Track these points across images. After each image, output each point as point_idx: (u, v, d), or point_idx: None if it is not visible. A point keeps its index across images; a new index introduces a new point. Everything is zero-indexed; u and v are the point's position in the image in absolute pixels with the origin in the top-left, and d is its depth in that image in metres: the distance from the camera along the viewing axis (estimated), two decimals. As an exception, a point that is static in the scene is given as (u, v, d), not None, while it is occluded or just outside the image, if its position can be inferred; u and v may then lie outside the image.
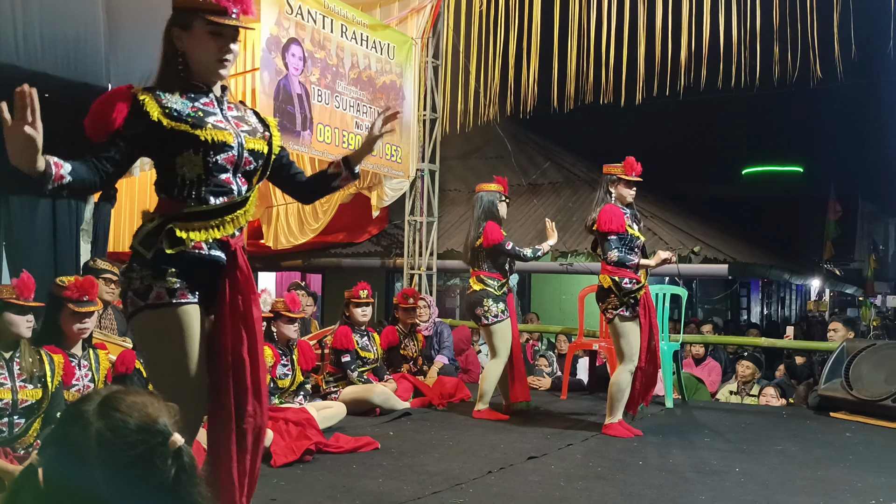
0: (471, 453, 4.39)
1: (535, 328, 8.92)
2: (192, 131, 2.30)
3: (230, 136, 2.36)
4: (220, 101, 2.43)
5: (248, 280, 2.37)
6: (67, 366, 3.67)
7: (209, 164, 2.33)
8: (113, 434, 1.28)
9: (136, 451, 1.29)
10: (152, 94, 2.33)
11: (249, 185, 2.45)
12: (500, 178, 5.78)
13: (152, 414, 1.33)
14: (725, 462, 4.26)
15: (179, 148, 2.31)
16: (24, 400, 3.42)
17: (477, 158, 13.00)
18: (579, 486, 3.71)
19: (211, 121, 2.36)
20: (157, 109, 2.29)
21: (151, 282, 2.28)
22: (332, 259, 11.40)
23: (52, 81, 4.54)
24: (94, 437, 1.28)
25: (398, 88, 8.26)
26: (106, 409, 1.31)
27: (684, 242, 10.25)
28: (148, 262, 2.30)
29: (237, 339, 2.32)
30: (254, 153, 2.43)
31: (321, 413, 4.80)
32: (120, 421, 1.29)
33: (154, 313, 2.28)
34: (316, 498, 3.39)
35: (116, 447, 1.28)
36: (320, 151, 7.33)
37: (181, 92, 2.37)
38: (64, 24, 4.51)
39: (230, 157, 2.36)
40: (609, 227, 4.81)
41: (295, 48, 6.93)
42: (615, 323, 4.86)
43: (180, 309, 2.29)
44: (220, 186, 2.36)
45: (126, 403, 1.32)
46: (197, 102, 2.37)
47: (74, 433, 1.29)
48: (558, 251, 10.30)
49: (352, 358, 5.72)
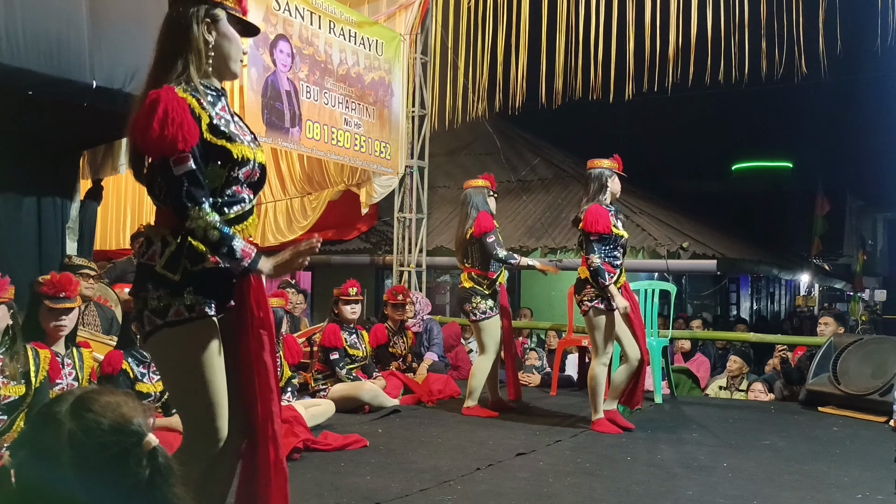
0: (459, 450, 4.38)
1: (525, 324, 8.93)
2: (227, 145, 2.24)
3: (251, 151, 2.32)
4: (227, 106, 2.37)
5: (260, 283, 2.33)
6: (53, 361, 3.65)
7: (230, 178, 2.28)
8: (85, 435, 1.27)
9: (109, 452, 1.27)
10: (196, 98, 2.22)
11: (254, 194, 2.43)
12: (486, 174, 5.81)
13: (126, 414, 1.31)
14: (713, 457, 4.27)
15: (208, 160, 2.23)
16: (6, 396, 3.40)
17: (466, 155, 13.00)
18: (567, 483, 3.71)
19: (234, 131, 2.29)
20: (206, 118, 2.22)
21: (169, 300, 2.21)
22: (322, 256, 11.37)
23: (35, 78, 4.50)
24: (67, 439, 1.26)
25: (387, 85, 8.24)
26: (79, 409, 1.29)
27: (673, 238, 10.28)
28: (165, 282, 2.22)
29: (259, 343, 2.29)
30: (261, 166, 2.41)
31: (309, 411, 4.78)
32: (93, 422, 1.28)
33: (173, 331, 2.22)
34: (304, 496, 3.37)
35: (89, 448, 1.26)
36: (309, 148, 7.31)
37: (203, 93, 2.27)
38: (47, 20, 4.46)
39: (247, 172, 2.33)
40: (595, 228, 4.79)
41: (283, 44, 6.89)
42: (590, 315, 4.87)
43: (200, 324, 2.24)
44: (231, 197, 2.31)
45: (99, 404, 1.30)
46: (216, 108, 2.29)
47: (46, 434, 1.28)
48: (548, 248, 10.31)
49: (340, 356, 5.72)
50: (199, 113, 2.21)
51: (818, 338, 6.57)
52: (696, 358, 8.13)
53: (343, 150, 7.64)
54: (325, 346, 5.72)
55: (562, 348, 6.82)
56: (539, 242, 10.47)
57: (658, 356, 6.17)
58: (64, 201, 6.17)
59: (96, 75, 4.70)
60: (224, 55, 2.34)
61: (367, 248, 11.26)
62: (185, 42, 2.29)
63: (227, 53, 2.35)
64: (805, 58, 7.45)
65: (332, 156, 7.65)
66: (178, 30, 2.31)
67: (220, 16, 2.33)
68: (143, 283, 2.26)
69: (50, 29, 4.47)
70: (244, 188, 2.36)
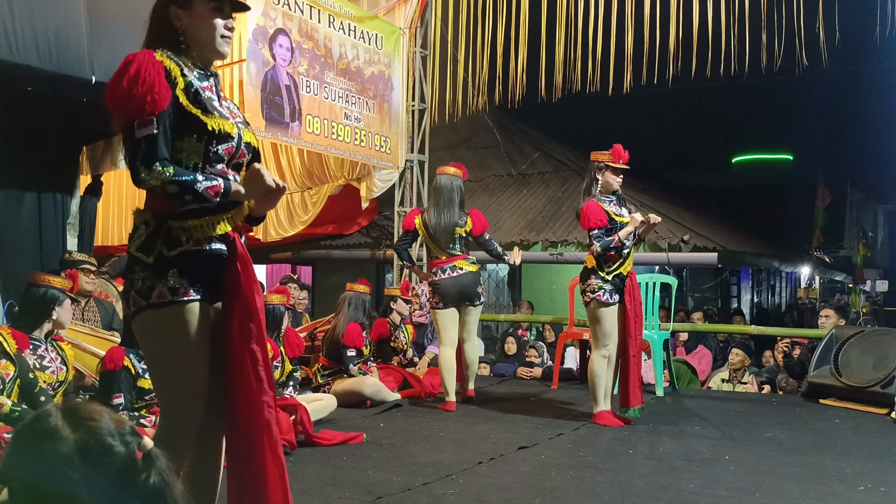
0: (461, 444, 4.38)
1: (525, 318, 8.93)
2: (202, 117, 2.21)
3: (233, 127, 2.30)
4: (217, 87, 2.35)
5: (249, 270, 2.31)
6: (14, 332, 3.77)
7: (209, 154, 2.25)
8: (96, 442, 1.25)
9: (118, 458, 1.26)
10: (173, 60, 2.21)
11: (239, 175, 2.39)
12: (458, 164, 5.81)
13: (119, 418, 1.30)
14: (715, 450, 4.27)
15: (183, 132, 2.21)
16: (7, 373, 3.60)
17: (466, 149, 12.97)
18: (570, 476, 3.71)
19: (216, 107, 2.27)
20: (181, 82, 2.19)
21: (153, 282, 2.22)
22: (322, 251, 11.36)
23: (35, 74, 4.50)
24: (76, 449, 1.24)
25: (386, 79, 8.22)
26: (76, 419, 1.27)
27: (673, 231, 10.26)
28: (148, 265, 2.23)
29: (244, 331, 2.27)
30: (248, 146, 2.38)
31: (311, 405, 4.77)
32: (97, 429, 1.26)
33: (156, 312, 2.22)
34: (306, 490, 3.37)
35: (99, 455, 1.25)
36: (309, 143, 7.29)
37: (192, 65, 2.27)
38: (45, 16, 4.45)
39: (229, 149, 2.30)
40: (588, 225, 4.84)
41: (282, 39, 6.88)
42: (592, 307, 4.88)
43: (184, 307, 2.23)
44: (216, 177, 2.26)
45: (91, 412, 1.29)
46: (203, 83, 2.28)
47: (50, 449, 1.24)
48: (549, 241, 10.30)
49: (357, 354, 5.72)
50: (176, 77, 2.19)
51: (819, 330, 6.57)
52: (697, 351, 8.13)
53: (343, 145, 7.63)
54: (345, 344, 5.69)
55: (563, 342, 6.82)
56: (540, 236, 10.45)
57: (659, 349, 6.17)
58: (64, 197, 6.18)
59: (95, 70, 4.70)
60: (198, 39, 2.30)
61: (368, 242, 11.24)
62: (160, 32, 2.29)
63: (201, 37, 2.30)
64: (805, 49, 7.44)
65: (332, 150, 7.64)
66: (153, 20, 2.31)
67: (192, 2, 2.28)
68: (130, 266, 2.29)
69: (49, 25, 4.46)
70: (230, 169, 2.33)
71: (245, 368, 2.27)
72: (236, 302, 2.28)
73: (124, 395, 3.91)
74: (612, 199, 4.93)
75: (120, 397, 3.89)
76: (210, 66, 2.37)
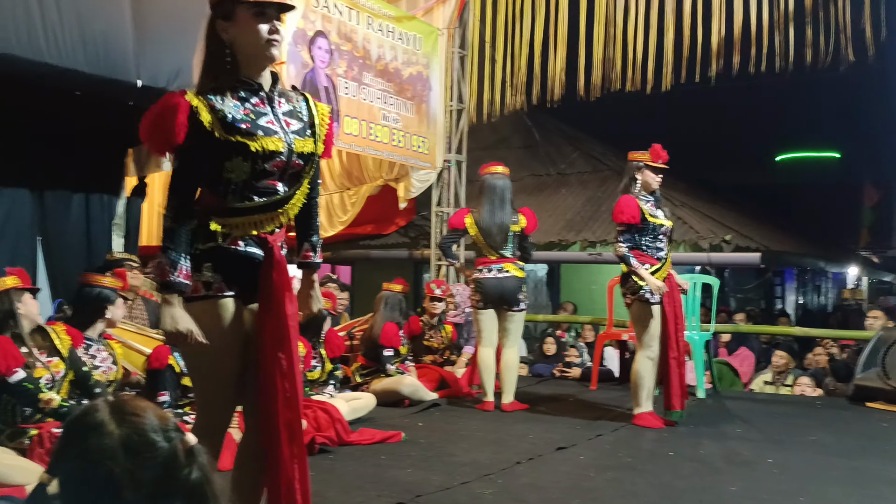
0: (499, 444, 4.39)
1: (564, 318, 8.89)
2: (243, 140, 2.28)
3: (280, 143, 2.34)
4: (270, 97, 2.40)
5: (283, 277, 2.36)
6: (69, 329, 3.85)
7: (257, 170, 2.33)
8: (139, 438, 1.27)
9: (161, 453, 1.28)
10: (204, 100, 2.29)
11: (295, 184, 2.44)
12: (499, 163, 5.79)
13: (163, 415, 1.32)
14: (757, 452, 4.21)
15: (229, 154, 2.30)
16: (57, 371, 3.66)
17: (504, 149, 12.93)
18: (609, 477, 3.69)
19: (263, 124, 2.33)
20: (208, 118, 2.27)
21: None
22: (361, 251, 11.44)
23: (83, 78, 4.61)
24: (120, 444, 1.26)
25: (424, 79, 8.25)
26: (121, 414, 1.29)
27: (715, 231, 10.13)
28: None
29: (274, 338, 2.32)
30: (302, 155, 2.41)
31: (351, 404, 4.82)
32: (141, 425, 1.28)
33: (189, 306, 2.29)
34: (345, 488, 3.41)
35: (143, 451, 1.27)
36: (347, 144, 7.35)
37: (232, 91, 2.33)
38: (93, 22, 4.56)
39: (278, 163, 2.35)
40: (620, 219, 4.80)
41: (321, 41, 6.94)
42: (634, 308, 4.84)
43: (217, 302, 2.30)
44: (265, 188, 2.36)
45: (135, 407, 1.31)
46: (248, 103, 2.34)
47: (95, 445, 1.27)
48: (587, 241, 10.24)
49: (394, 354, 5.75)
50: (202, 115, 2.26)
51: (866, 332, 6.43)
52: (739, 352, 8.01)
53: (381, 146, 7.67)
54: (382, 344, 5.72)
55: (602, 342, 6.77)
56: (578, 236, 10.39)
57: (700, 350, 6.09)
58: (110, 198, 6.32)
59: (141, 75, 4.80)
60: (245, 46, 2.34)
61: (406, 242, 11.29)
62: (210, 48, 2.37)
63: (247, 44, 2.34)
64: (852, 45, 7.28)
65: (370, 151, 7.69)
66: (205, 37, 2.39)
67: (231, 9, 2.33)
68: None
69: (96, 31, 4.57)
70: (280, 180, 2.39)
71: (272, 376, 2.32)
72: (268, 308, 2.34)
73: (169, 393, 3.99)
74: (649, 199, 4.89)
75: (165, 395, 3.97)
76: (259, 75, 2.40)
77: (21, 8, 4.22)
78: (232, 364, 2.35)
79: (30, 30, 4.25)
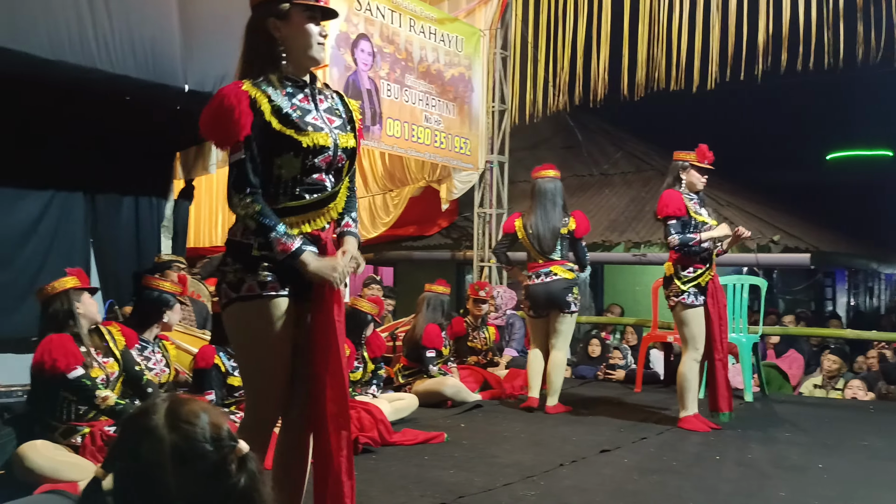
0: (542, 445, 4.37)
1: (608, 320, 8.82)
2: (296, 136, 2.33)
3: (328, 139, 2.39)
4: (313, 94, 2.45)
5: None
6: (124, 329, 3.92)
7: (306, 166, 2.37)
8: (188, 446, 1.28)
9: (209, 461, 1.29)
10: (260, 90, 2.33)
11: (339, 179, 2.49)
12: (550, 165, 5.75)
13: (217, 422, 1.33)
14: (806, 457, 4.12)
15: (280, 150, 2.33)
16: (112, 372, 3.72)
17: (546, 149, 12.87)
18: (653, 480, 3.65)
19: (310, 121, 2.38)
20: (267, 108, 2.31)
21: (244, 275, 2.33)
22: (403, 252, 11.49)
23: (132, 83, 4.71)
24: (169, 451, 1.28)
25: (466, 80, 8.26)
26: (175, 421, 1.30)
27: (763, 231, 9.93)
28: (241, 259, 2.34)
29: (323, 335, 2.36)
30: (346, 150, 2.47)
31: (394, 405, 4.85)
32: (192, 433, 1.29)
33: (244, 305, 2.34)
34: (389, 488, 3.43)
35: (192, 459, 1.28)
36: (390, 146, 7.40)
37: (280, 86, 2.38)
38: (142, 30, 4.67)
39: (326, 158, 2.40)
40: (665, 212, 4.73)
41: (364, 44, 7.00)
42: (677, 310, 4.78)
43: (270, 301, 2.34)
44: (313, 184, 2.40)
45: (191, 413, 1.32)
46: (295, 99, 2.39)
47: (146, 448, 1.29)
48: (631, 242, 10.13)
49: (436, 355, 5.77)
50: (262, 104, 2.30)
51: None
52: (788, 354, 7.84)
53: (423, 147, 7.70)
54: (424, 345, 5.74)
55: (646, 344, 6.70)
56: (622, 237, 10.29)
57: (748, 353, 5.98)
58: (159, 201, 6.46)
59: (188, 79, 4.89)
60: (296, 47, 2.41)
61: (448, 243, 11.30)
62: (257, 44, 2.41)
63: (298, 44, 2.41)
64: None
65: (413, 152, 7.72)
66: (251, 33, 2.44)
67: (286, 9, 2.38)
68: (224, 258, 2.41)
69: (145, 37, 4.67)
70: (327, 175, 2.43)
71: (321, 373, 2.35)
72: (319, 305, 2.37)
73: (215, 392, 4.06)
74: (693, 198, 4.83)
75: (211, 394, 4.04)
76: (305, 74, 2.46)
77: (74, 16, 4.33)
78: (284, 363, 2.38)
79: (82, 37, 4.36)
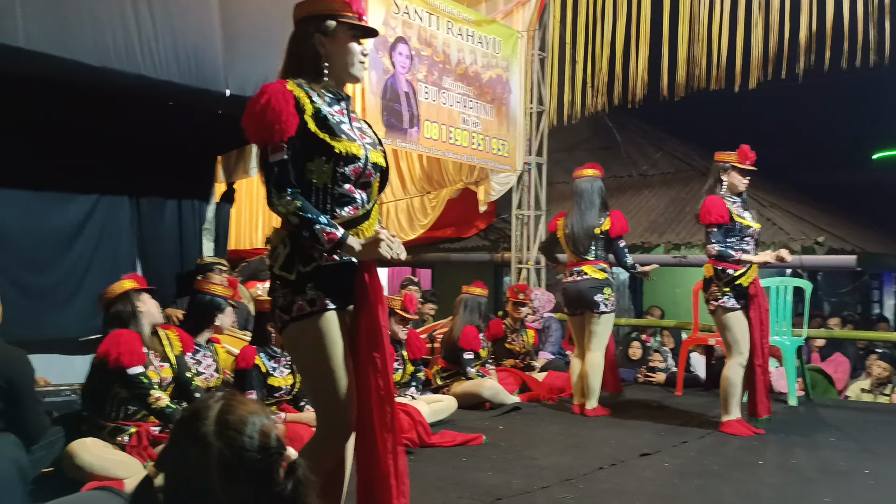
0: (581, 448, 4.35)
1: (648, 322, 8.73)
2: (329, 141, 2.35)
3: (360, 150, 2.42)
4: (348, 110, 2.50)
5: (374, 280, 2.42)
6: (182, 335, 3.97)
7: (337, 174, 2.39)
8: (233, 454, 1.30)
9: (256, 469, 1.31)
10: (304, 90, 2.37)
11: (369, 196, 2.51)
12: (594, 164, 5.73)
13: (266, 430, 1.34)
14: (852, 462, 4.04)
15: (313, 153, 2.36)
16: (165, 378, 3.77)
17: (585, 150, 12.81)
18: (694, 484, 3.61)
19: (345, 130, 2.41)
20: (310, 109, 2.35)
21: (293, 297, 2.37)
22: (441, 254, 11.51)
23: (175, 89, 4.80)
24: (216, 458, 1.30)
25: (504, 82, 8.25)
26: (224, 428, 1.32)
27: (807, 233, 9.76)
28: (289, 282, 2.38)
29: (370, 338, 2.38)
30: (376, 166, 2.49)
31: (432, 406, 4.87)
32: (240, 441, 1.31)
33: (298, 325, 2.38)
34: (426, 489, 3.44)
35: (238, 466, 1.30)
36: (427, 148, 7.42)
37: (321, 93, 2.42)
38: (185, 35, 4.75)
39: (356, 169, 2.42)
40: (708, 220, 4.69)
41: (402, 47, 7.04)
42: (718, 314, 4.72)
43: (321, 316, 2.37)
44: (344, 196, 2.42)
45: (240, 420, 1.33)
46: (333, 108, 2.43)
47: (195, 453, 1.31)
48: (671, 244, 10.02)
49: (474, 357, 5.77)
50: (305, 105, 2.34)
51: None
52: (834, 358, 7.69)
53: (461, 149, 7.71)
54: (462, 347, 5.74)
55: (687, 347, 6.62)
56: (662, 238, 10.18)
57: (792, 356, 5.88)
58: (201, 204, 6.56)
59: (230, 84, 4.96)
60: (339, 63, 2.46)
61: (486, 245, 11.30)
62: (301, 57, 2.45)
63: (341, 61, 2.46)
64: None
65: (450, 154, 7.74)
66: (296, 46, 2.48)
67: (332, 26, 2.43)
68: (273, 284, 2.45)
69: (188, 43, 4.75)
70: (356, 188, 2.44)
71: (368, 374, 2.38)
72: (363, 310, 2.40)
73: (256, 392, 4.11)
74: (736, 201, 4.76)
75: (252, 394, 4.10)
76: (343, 88, 2.50)
77: (119, 24, 4.43)
78: (344, 373, 2.39)
79: (127, 44, 4.46)
